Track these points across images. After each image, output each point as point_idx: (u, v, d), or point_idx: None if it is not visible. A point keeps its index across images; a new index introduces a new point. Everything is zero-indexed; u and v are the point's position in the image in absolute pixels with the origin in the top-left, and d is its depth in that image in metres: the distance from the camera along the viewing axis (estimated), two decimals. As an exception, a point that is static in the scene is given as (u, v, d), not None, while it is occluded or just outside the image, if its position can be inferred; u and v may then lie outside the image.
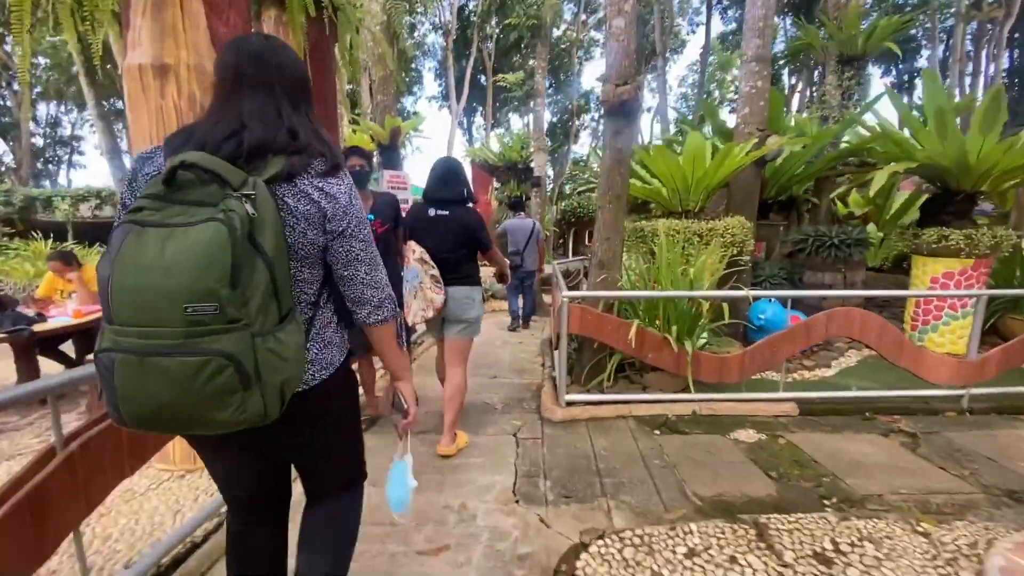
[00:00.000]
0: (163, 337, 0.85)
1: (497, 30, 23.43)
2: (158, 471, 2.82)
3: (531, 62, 24.42)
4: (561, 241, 18.70)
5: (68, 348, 4.37)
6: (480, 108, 28.67)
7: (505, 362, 4.96)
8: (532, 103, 24.21)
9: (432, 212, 2.80)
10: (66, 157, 27.87)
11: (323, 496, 1.30)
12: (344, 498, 1.33)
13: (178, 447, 2.79)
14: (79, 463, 1.41)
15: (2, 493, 1.26)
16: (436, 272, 2.71)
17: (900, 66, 20.64)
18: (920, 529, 1.99)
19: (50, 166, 27.18)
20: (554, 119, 27.92)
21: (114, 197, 16.18)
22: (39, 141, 25.79)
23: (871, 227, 7.20)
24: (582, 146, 29.65)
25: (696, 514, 2.19)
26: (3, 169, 22.40)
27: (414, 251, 2.76)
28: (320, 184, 1.04)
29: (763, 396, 3.38)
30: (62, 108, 25.68)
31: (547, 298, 8.30)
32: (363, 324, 1.18)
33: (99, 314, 4.36)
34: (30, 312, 3.95)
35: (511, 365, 4.90)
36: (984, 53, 18.35)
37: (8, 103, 21.31)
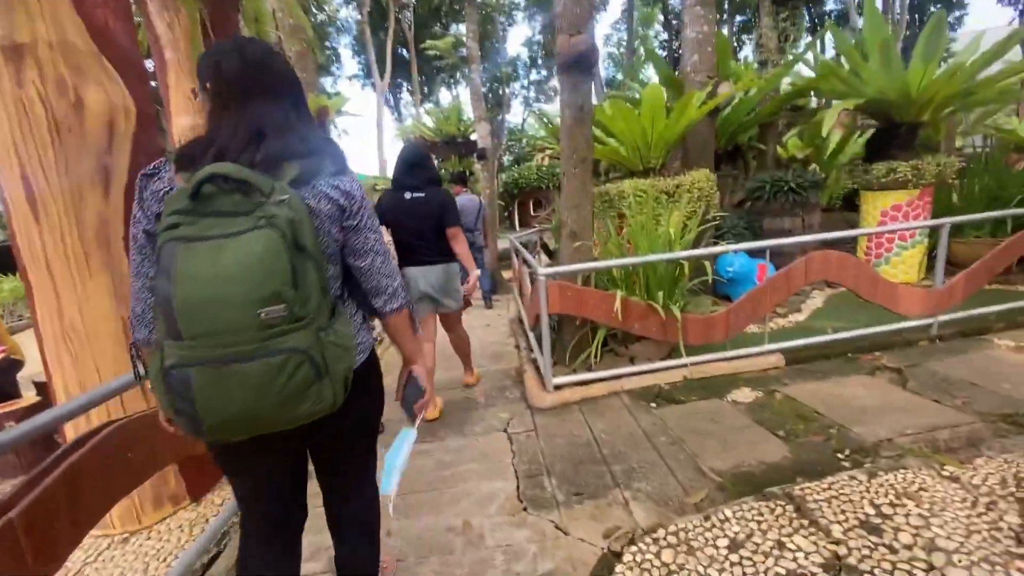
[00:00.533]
0: (240, 344, 0.88)
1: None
2: (95, 539, 2.38)
3: (453, 28, 23.43)
4: (506, 214, 18.37)
5: None
6: (405, 83, 27.38)
7: (476, 348, 4.66)
8: (464, 71, 23.35)
9: (408, 196, 2.88)
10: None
11: (342, 489, 1.33)
12: (360, 492, 1.36)
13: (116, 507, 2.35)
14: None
15: None
16: (395, 263, 2.72)
17: (811, 8, 21.29)
18: (946, 473, 1.93)
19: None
20: (484, 89, 27.11)
21: (2, 218, 14.23)
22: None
23: (812, 168, 7.37)
24: (514, 115, 29.10)
25: (719, 492, 2.04)
26: None
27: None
28: (336, 183, 1.08)
29: (750, 351, 3.29)
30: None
31: (506, 274, 8.04)
32: (380, 314, 1.23)
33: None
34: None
35: (483, 351, 4.63)
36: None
37: None
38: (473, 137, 9.76)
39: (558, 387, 3.11)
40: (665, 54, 24.73)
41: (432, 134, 10.27)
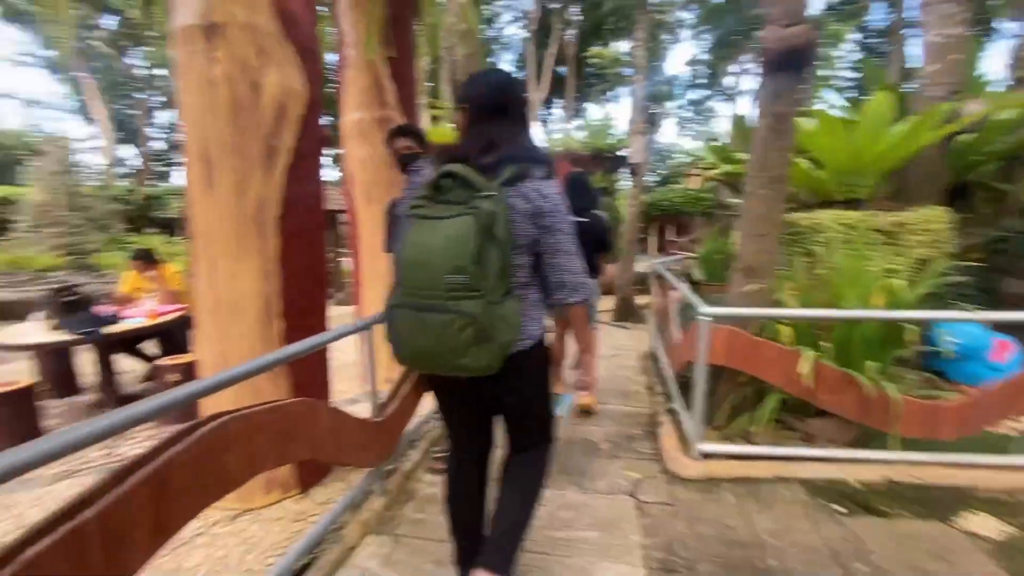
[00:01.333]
0: (432, 298, 1.19)
1: (580, 17, 22.48)
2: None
3: (612, 46, 23.14)
4: (642, 236, 17.38)
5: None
6: (558, 101, 27.76)
7: (601, 378, 4.20)
8: (619, 89, 22.94)
9: (572, 219, 3.14)
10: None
11: (520, 448, 1.54)
12: (534, 453, 1.55)
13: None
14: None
15: None
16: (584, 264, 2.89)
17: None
18: None
19: (172, 168, 29.13)
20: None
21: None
22: (162, 144, 27.71)
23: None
24: (663, 136, 27.96)
25: None
26: (131, 171, 24.73)
27: None
28: (538, 187, 1.30)
29: (994, 460, 2.36)
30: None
31: (640, 300, 7.40)
32: (561, 304, 1.38)
33: (176, 315, 4.17)
34: (108, 311, 3.79)
35: (609, 383, 4.14)
36: None
37: (133, 111, 23.39)
38: (621, 152, 9.27)
39: (706, 455, 2.52)
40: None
41: (580, 147, 10.04)
